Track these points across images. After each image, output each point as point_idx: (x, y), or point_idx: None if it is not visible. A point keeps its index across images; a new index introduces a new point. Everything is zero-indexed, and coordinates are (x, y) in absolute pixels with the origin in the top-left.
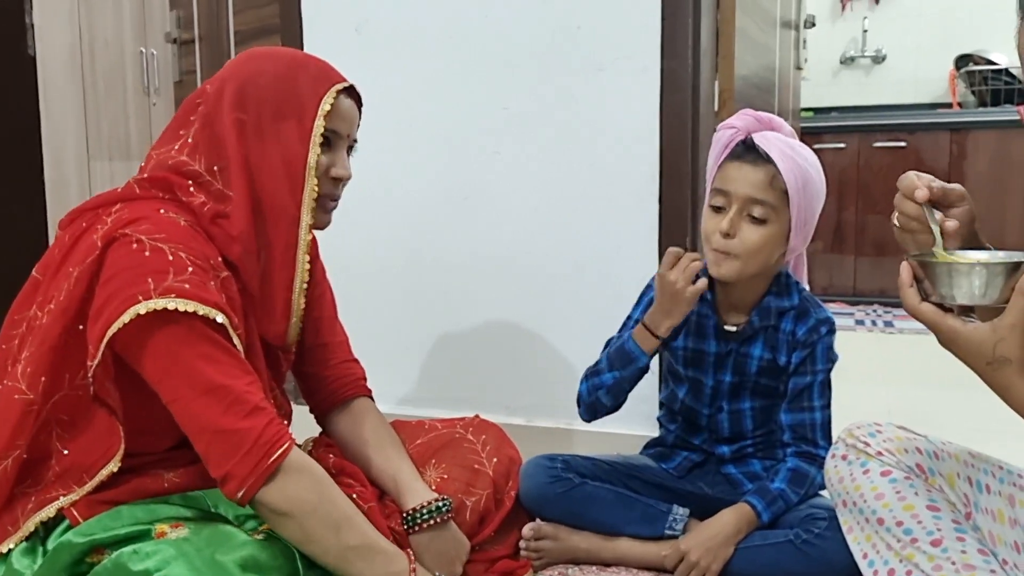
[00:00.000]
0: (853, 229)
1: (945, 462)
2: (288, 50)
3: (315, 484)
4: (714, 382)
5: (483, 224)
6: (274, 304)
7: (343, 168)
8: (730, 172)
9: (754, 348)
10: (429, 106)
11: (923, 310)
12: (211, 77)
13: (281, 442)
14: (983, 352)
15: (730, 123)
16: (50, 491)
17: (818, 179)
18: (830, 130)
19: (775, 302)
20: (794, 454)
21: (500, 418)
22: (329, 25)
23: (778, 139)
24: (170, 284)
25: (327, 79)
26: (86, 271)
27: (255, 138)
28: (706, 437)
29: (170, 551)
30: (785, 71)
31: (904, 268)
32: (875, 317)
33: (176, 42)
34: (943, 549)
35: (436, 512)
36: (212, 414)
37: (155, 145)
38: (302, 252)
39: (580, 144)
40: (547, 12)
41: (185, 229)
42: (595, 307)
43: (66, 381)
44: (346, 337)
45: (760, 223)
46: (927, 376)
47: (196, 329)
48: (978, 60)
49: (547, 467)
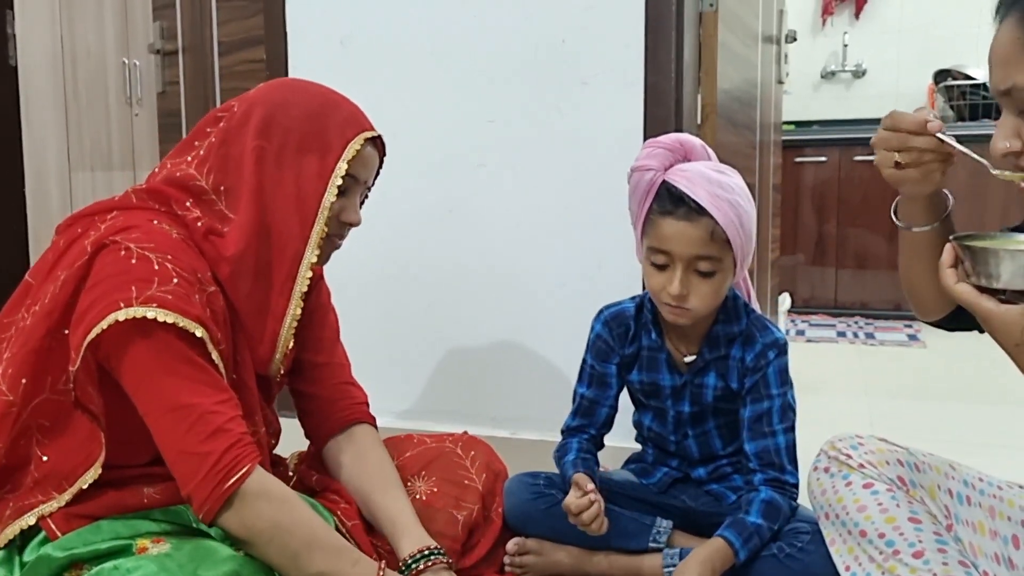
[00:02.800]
0: (834, 241)
1: (926, 474)
2: (324, 88)
3: (274, 511)
4: (675, 412)
5: (468, 237)
6: (263, 332)
7: (355, 214)
8: (665, 230)
9: (707, 378)
10: (413, 120)
11: (959, 290)
12: (241, 95)
13: (239, 467)
14: (1013, 333)
15: (645, 164)
16: (28, 497)
17: (749, 206)
18: (811, 143)
19: (723, 329)
20: (764, 482)
21: (486, 431)
22: (314, 38)
23: (702, 177)
24: (153, 293)
25: (357, 125)
26: (73, 275)
27: (274, 167)
28: (680, 462)
29: (151, 567)
30: (767, 85)
31: (947, 249)
32: (856, 329)
33: (159, 53)
34: (925, 561)
35: (434, 554)
36: (176, 433)
37: (171, 154)
38: (299, 289)
39: (564, 158)
40: (532, 26)
41: (176, 241)
42: (579, 320)
43: (48, 385)
44: (348, 361)
45: (709, 276)
46: (908, 388)
47: (172, 343)
48: (956, 75)
49: (530, 484)
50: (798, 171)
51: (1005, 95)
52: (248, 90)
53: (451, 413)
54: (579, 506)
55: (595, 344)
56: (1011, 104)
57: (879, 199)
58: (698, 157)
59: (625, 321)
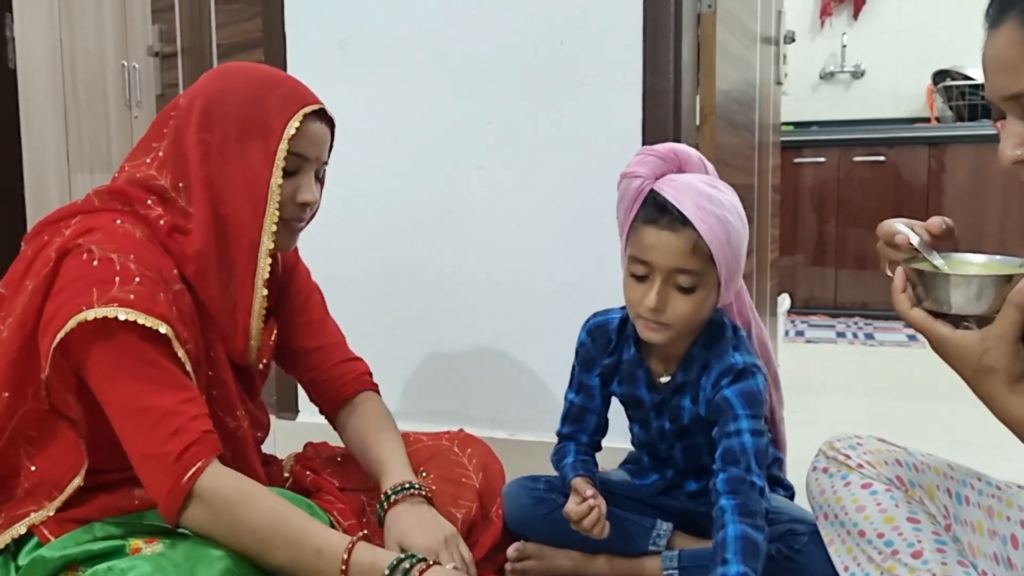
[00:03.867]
0: (834, 242)
1: (925, 474)
2: (261, 68)
3: (227, 510)
4: (657, 425)
5: (466, 238)
6: (234, 325)
7: (309, 193)
8: (647, 239)
9: (684, 399)
10: (412, 121)
11: (914, 316)
12: (188, 88)
13: (193, 463)
14: (970, 360)
15: (634, 171)
16: (20, 507)
17: (740, 224)
18: (810, 144)
19: (701, 353)
20: (735, 511)
21: (484, 432)
22: (313, 40)
23: (691, 188)
24: (115, 294)
25: (296, 100)
26: (41, 284)
27: (219, 159)
28: (673, 473)
29: (146, 567)
30: (766, 86)
31: (898, 274)
32: (856, 330)
33: (158, 55)
34: (924, 561)
35: (409, 488)
36: (139, 436)
37: (129, 157)
38: (260, 277)
39: (562, 159)
40: (530, 27)
41: (139, 240)
42: (577, 321)
43: (29, 395)
44: (342, 337)
45: (688, 291)
46: (907, 389)
47: (135, 343)
48: (955, 75)
49: (530, 488)
50: (797, 172)
51: (1012, 100)
52: None
53: (449, 414)
54: (579, 513)
55: (579, 352)
56: (1019, 110)
57: (878, 200)
58: (694, 169)
59: (607, 333)
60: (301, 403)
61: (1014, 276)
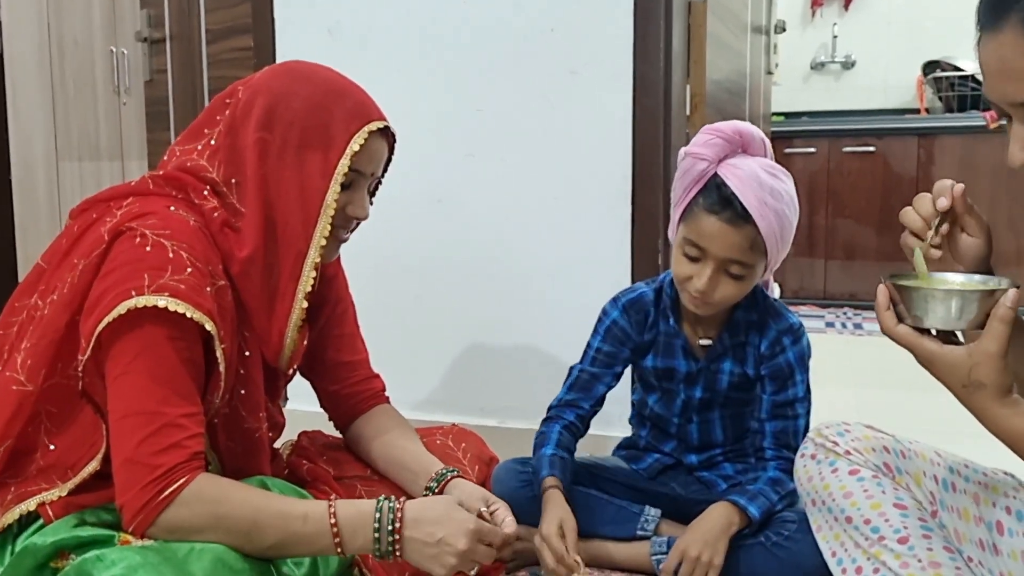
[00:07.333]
0: (823, 233)
1: (912, 461)
2: (329, 74)
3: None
4: (685, 396)
5: (456, 226)
6: (269, 330)
7: (362, 209)
8: (706, 227)
9: (724, 364)
10: (402, 109)
11: (900, 332)
12: (246, 79)
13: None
14: (958, 375)
15: (700, 153)
16: (31, 484)
17: (793, 214)
18: (801, 134)
19: (744, 316)
20: (776, 461)
21: (474, 420)
22: (302, 26)
23: (754, 179)
24: (165, 282)
25: (363, 116)
26: (91, 264)
27: (276, 161)
28: (676, 445)
29: (136, 559)
30: (756, 75)
31: (881, 291)
32: (844, 320)
33: (147, 41)
34: (910, 547)
35: (449, 472)
36: (133, 439)
37: (179, 140)
38: (303, 289)
39: (553, 147)
40: (520, 15)
41: (193, 229)
42: (568, 309)
43: (58, 370)
44: (367, 354)
45: (738, 278)
46: (895, 377)
47: (161, 341)
48: (945, 66)
49: (519, 471)
50: (787, 162)
51: (1020, 107)
52: (238, 79)
53: (439, 403)
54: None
55: (610, 330)
56: None
57: (868, 190)
58: (755, 151)
59: (644, 308)
60: (291, 391)
61: (996, 291)
